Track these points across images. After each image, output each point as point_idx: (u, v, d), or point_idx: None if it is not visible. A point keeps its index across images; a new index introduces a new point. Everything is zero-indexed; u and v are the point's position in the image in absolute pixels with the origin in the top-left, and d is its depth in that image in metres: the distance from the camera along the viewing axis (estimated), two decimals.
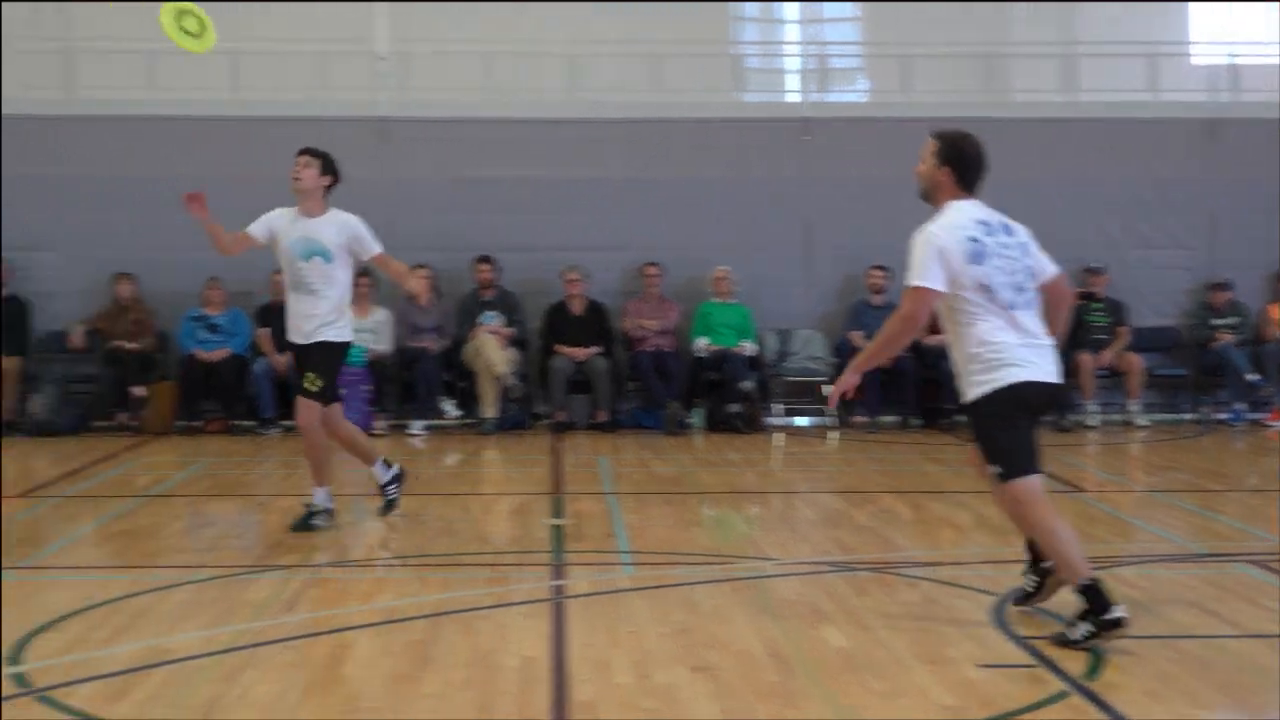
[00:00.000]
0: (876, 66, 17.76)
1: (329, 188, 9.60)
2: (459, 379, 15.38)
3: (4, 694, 5.85)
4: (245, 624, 7.00)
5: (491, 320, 15.30)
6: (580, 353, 15.17)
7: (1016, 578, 7.18)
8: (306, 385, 9.41)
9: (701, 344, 15.29)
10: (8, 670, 6.15)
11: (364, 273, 15.13)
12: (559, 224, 15.97)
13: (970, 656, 6.29)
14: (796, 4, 17.93)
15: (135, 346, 15.01)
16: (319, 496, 9.51)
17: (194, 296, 15.28)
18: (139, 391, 14.75)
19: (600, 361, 15.17)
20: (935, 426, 15.21)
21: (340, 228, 9.46)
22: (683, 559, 8.63)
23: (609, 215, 16.08)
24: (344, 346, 9.62)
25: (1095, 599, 6.32)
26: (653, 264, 15.64)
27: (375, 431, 14.59)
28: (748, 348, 15.30)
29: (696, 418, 15.28)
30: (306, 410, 9.44)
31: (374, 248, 9.58)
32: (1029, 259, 6.70)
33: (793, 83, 17.91)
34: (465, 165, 16.06)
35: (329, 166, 9.61)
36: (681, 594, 7.61)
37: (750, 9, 18.45)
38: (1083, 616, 6.36)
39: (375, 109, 16.18)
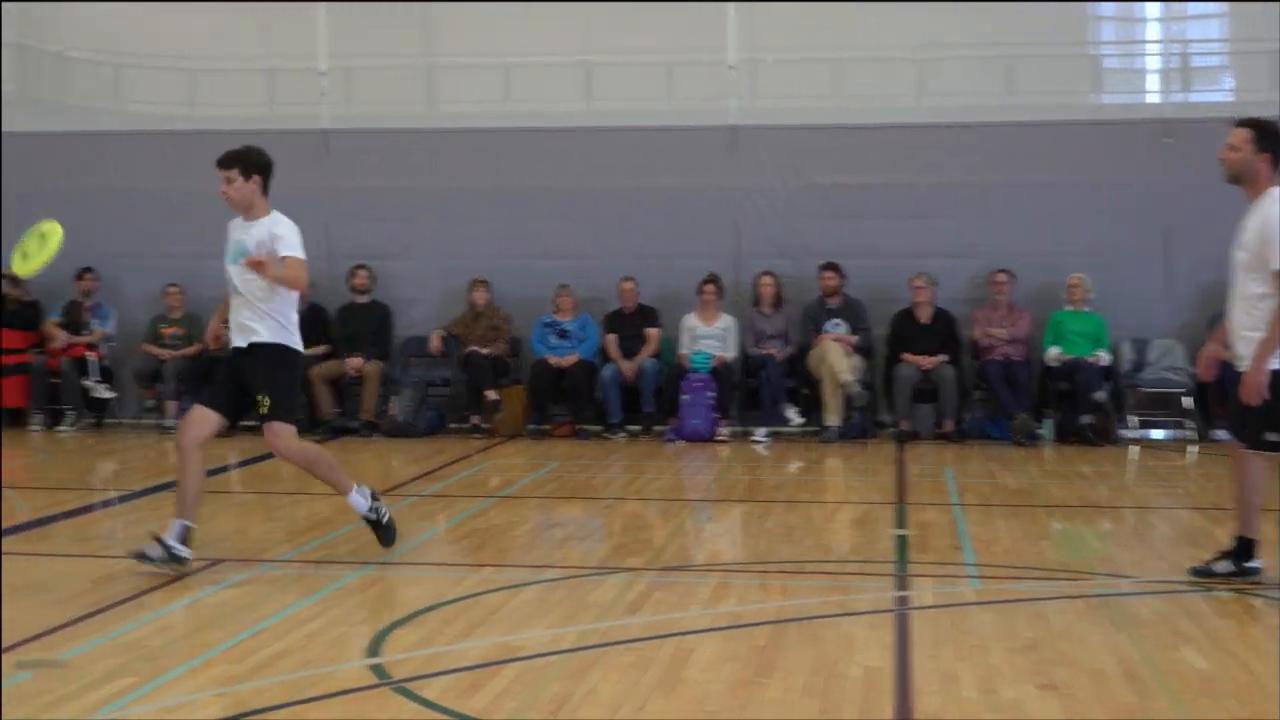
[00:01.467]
0: (1243, 64, 17.00)
1: (262, 188, 8.55)
2: (803, 386, 15.34)
3: (363, 685, 6.06)
4: (591, 624, 7.11)
5: (837, 327, 15.22)
6: (926, 361, 14.95)
7: None
8: (260, 410, 8.36)
9: (1053, 353, 14.88)
10: (367, 661, 6.38)
11: (710, 280, 15.27)
12: (907, 230, 15.75)
13: None
14: (1158, 2, 17.31)
15: (490, 351, 15.42)
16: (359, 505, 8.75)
17: (546, 303, 15.63)
18: (492, 395, 15.15)
19: (947, 370, 14.92)
20: None
21: (269, 228, 8.44)
22: (1031, 573, 8.41)
23: (958, 221, 15.77)
24: (284, 352, 8.48)
25: None
26: (1002, 271, 15.29)
27: (719, 438, 14.67)
28: (1102, 357, 14.83)
29: (1046, 429, 14.89)
30: (275, 437, 8.40)
31: (286, 250, 8.37)
32: None
33: (1153, 83, 17.32)
34: (813, 171, 16.01)
35: (250, 168, 8.52)
36: (1030, 609, 7.41)
37: (1108, 8, 17.91)
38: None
39: (725, 117, 16.26)
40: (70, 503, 10.95)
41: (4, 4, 17.01)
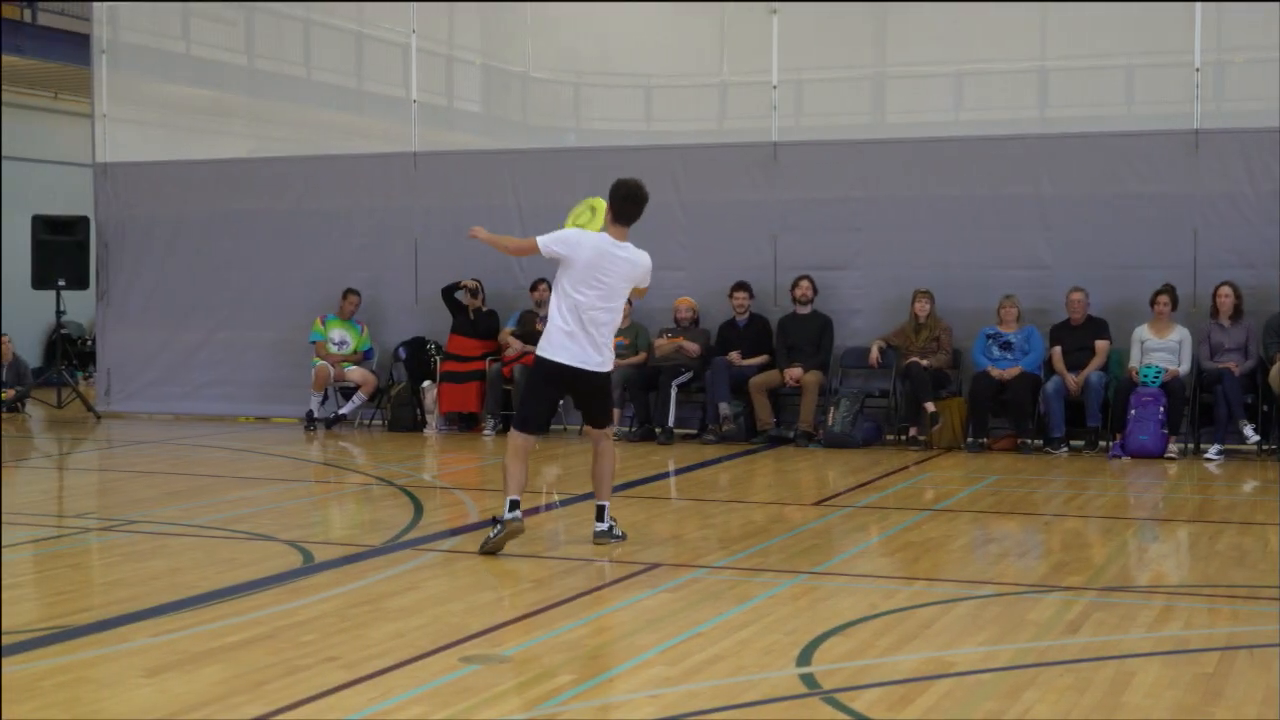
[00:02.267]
0: None
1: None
2: (1262, 402, 14.58)
3: (793, 694, 6.08)
4: (1028, 643, 6.94)
5: None
6: None
7: None
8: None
9: None
10: (798, 670, 6.39)
11: (1163, 291, 14.68)
12: None
13: None
14: None
15: (929, 363, 15.27)
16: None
17: (991, 314, 15.34)
18: (930, 407, 14.98)
19: None
20: None
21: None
22: None
23: None
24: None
25: None
26: None
27: (1168, 455, 14.09)
28: None
29: None
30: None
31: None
32: None
33: None
34: (1274, 176, 15.13)
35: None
36: None
37: None
38: None
39: (1190, 121, 15.54)
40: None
41: (474, 28, 18.01)
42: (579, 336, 9.11)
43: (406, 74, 18.30)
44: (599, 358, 9.18)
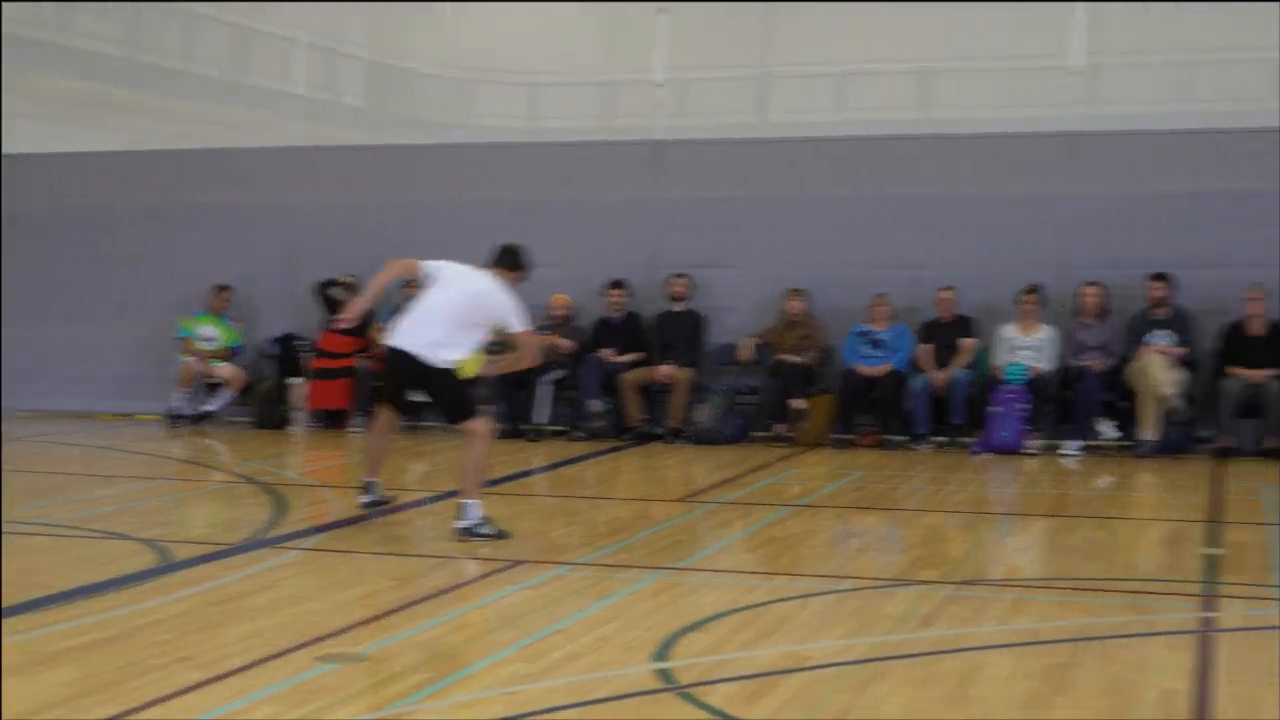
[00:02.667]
0: None
1: None
2: (1120, 399, 14.88)
3: (648, 689, 6.12)
4: (882, 636, 7.03)
5: (1162, 339, 14.71)
6: (1256, 375, 14.33)
7: None
8: None
9: None
10: (655, 666, 6.43)
11: (1031, 290, 14.93)
12: (1244, 239, 15.04)
13: None
14: None
15: (799, 360, 15.39)
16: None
17: (864, 312, 15.50)
18: (798, 404, 15.12)
19: (1276, 384, 14.27)
20: None
21: None
22: None
23: None
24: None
25: None
26: None
27: (1027, 451, 14.33)
28: None
29: None
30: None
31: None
32: None
33: None
34: (1151, 178, 15.43)
35: None
36: None
37: None
38: None
39: (1065, 123, 15.83)
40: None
41: (359, 23, 17.95)
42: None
43: (291, 68, 18.16)
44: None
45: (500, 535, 9.39)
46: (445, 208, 17.05)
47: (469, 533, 9.35)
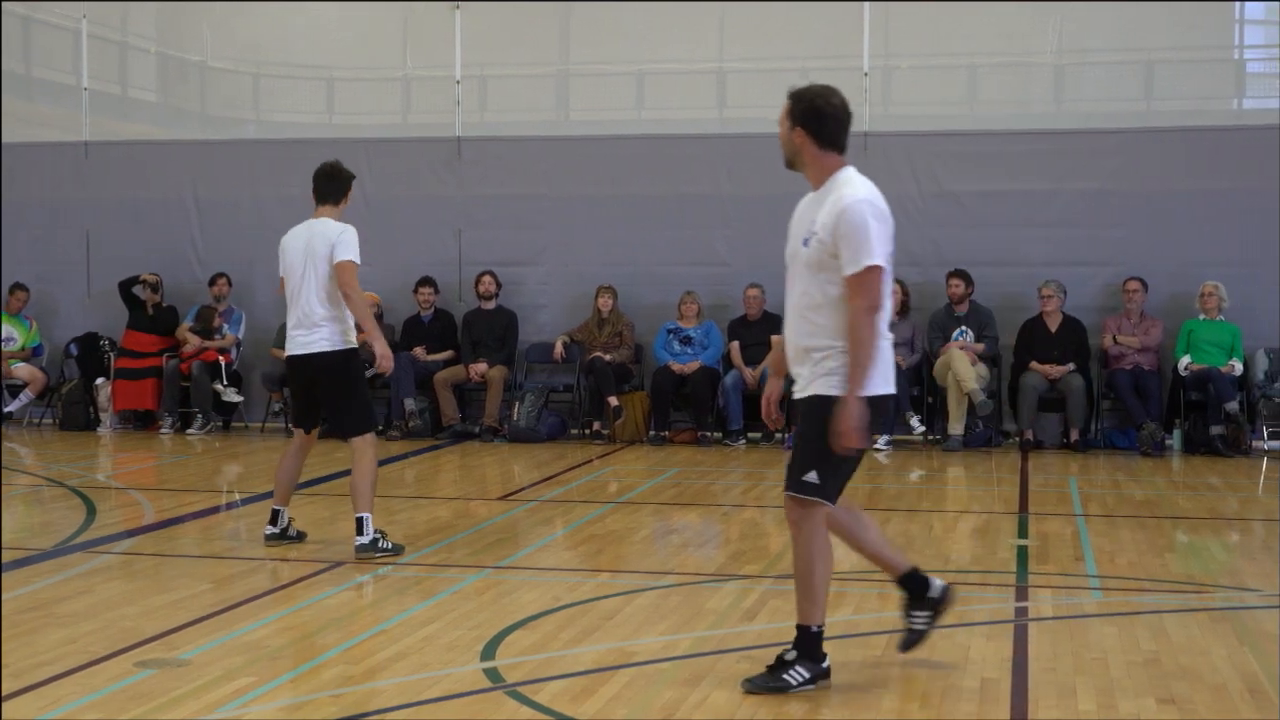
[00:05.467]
0: None
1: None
2: (927, 394, 15.21)
3: (477, 689, 6.10)
4: (706, 631, 7.10)
5: (963, 335, 15.06)
6: (1054, 370, 14.75)
7: None
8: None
9: (1184, 362, 14.61)
10: (482, 665, 6.42)
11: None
12: (1039, 237, 15.49)
13: None
14: None
15: (612, 358, 15.46)
16: None
17: (672, 310, 15.62)
18: (614, 401, 15.18)
19: (1075, 379, 14.70)
20: None
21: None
22: (1154, 585, 8.27)
23: (1092, 229, 15.44)
24: None
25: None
26: (1135, 279, 15.00)
27: None
28: (1236, 367, 14.53)
29: (1175, 439, 14.63)
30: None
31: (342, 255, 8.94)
32: None
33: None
34: (944, 178, 15.80)
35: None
36: (1152, 622, 7.28)
37: (1254, 9, 17.53)
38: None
39: (859, 124, 16.06)
40: (196, 505, 11.13)
41: (149, 16, 17.51)
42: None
43: (77, 60, 17.70)
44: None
45: (393, 550, 8.94)
46: (237, 204, 16.83)
47: (373, 548, 8.85)
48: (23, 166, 17.38)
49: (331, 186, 9.18)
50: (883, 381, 5.99)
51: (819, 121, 6.24)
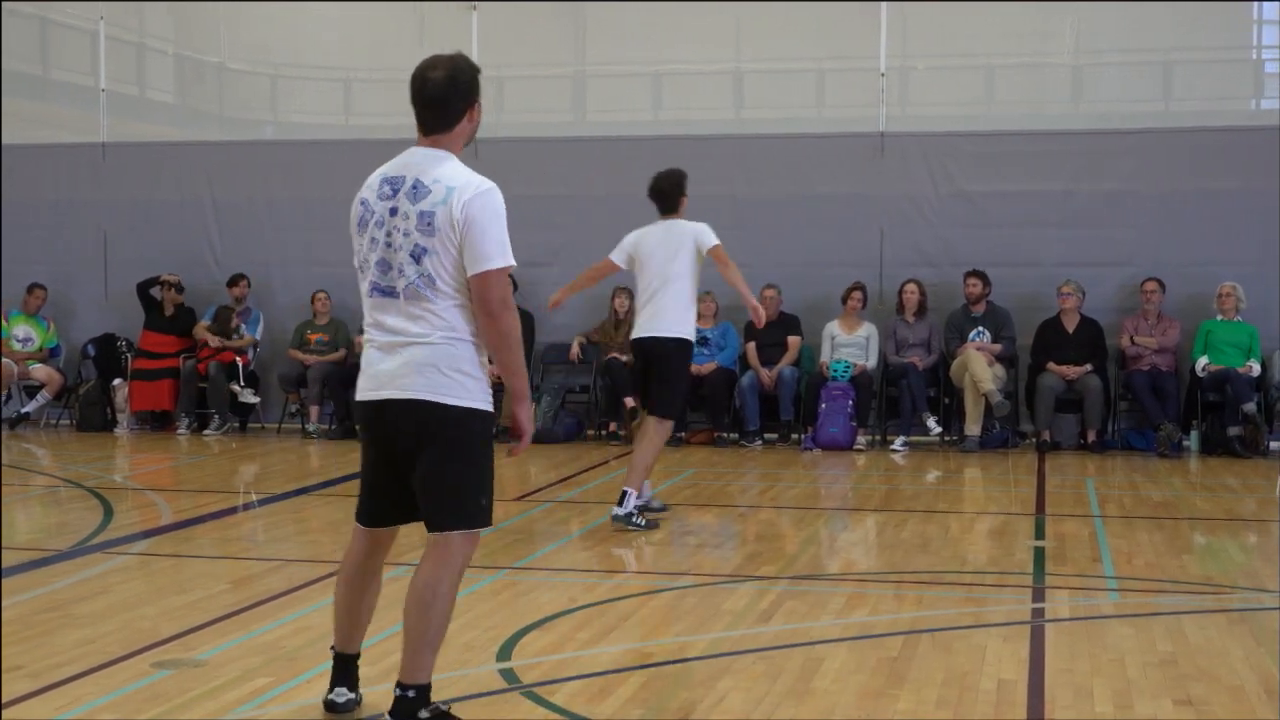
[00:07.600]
0: None
1: None
2: (944, 395, 15.20)
3: (493, 690, 6.11)
4: (722, 632, 7.09)
5: (980, 336, 15.04)
6: (1071, 370, 14.73)
7: None
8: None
9: (1202, 363, 14.57)
10: (498, 666, 6.42)
11: (856, 288, 15.17)
12: (1057, 238, 15.46)
13: None
14: None
15: (630, 359, 15.44)
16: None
17: None
18: (630, 402, 15.17)
19: (1092, 379, 14.67)
20: None
21: None
22: (1172, 587, 8.25)
23: (1110, 229, 15.41)
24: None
25: None
26: (1153, 279, 14.96)
27: (856, 447, 14.58)
28: (1254, 368, 14.49)
29: (1192, 440, 14.60)
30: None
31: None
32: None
33: None
34: (960, 179, 15.80)
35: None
36: (1169, 623, 7.27)
37: (1271, 9, 17.45)
38: None
39: (875, 124, 16.12)
40: (213, 505, 11.15)
41: (166, 17, 17.54)
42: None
43: (95, 62, 17.74)
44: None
45: (645, 526, 9.91)
46: (255, 205, 16.87)
47: (627, 520, 9.90)
48: (40, 168, 17.43)
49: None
50: None
51: None
